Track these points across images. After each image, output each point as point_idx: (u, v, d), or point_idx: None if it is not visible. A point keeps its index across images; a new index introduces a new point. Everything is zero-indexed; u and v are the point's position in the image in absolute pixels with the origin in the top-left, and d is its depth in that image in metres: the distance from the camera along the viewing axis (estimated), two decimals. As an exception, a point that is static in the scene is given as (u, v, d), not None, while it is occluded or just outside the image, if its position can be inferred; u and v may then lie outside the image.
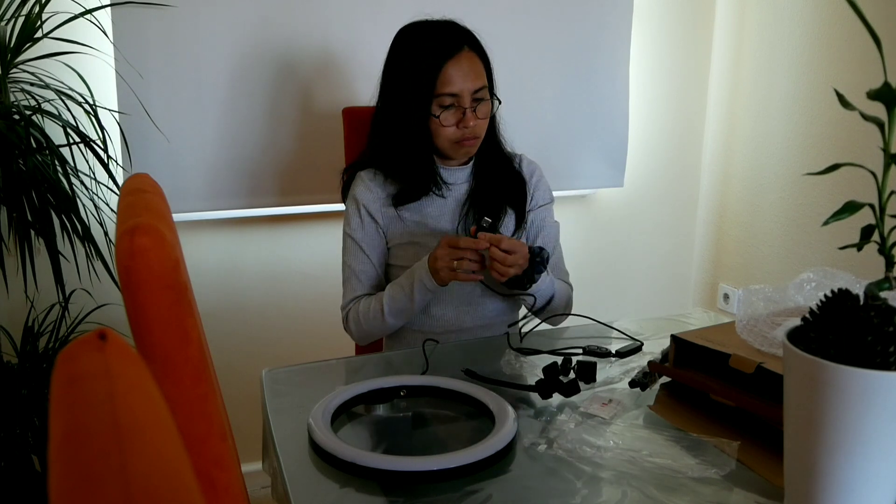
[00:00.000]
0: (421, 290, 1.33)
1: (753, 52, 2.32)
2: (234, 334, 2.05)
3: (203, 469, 0.71)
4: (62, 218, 1.52)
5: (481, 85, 1.34)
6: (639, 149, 2.41)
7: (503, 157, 1.49)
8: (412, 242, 1.42)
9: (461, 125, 1.34)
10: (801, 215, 2.20)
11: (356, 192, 1.43)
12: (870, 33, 0.64)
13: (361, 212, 1.42)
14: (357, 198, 1.43)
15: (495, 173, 1.47)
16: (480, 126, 1.37)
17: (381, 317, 1.37)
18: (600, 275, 2.46)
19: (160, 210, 0.81)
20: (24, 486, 1.56)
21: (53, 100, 1.63)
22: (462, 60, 1.32)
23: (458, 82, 1.32)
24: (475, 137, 1.37)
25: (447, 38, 1.33)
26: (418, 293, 1.33)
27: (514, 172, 1.49)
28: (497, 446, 0.90)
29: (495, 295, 1.44)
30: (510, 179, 1.48)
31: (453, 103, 1.33)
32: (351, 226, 1.44)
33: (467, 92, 1.33)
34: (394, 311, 1.36)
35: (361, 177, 1.44)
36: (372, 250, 1.43)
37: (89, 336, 0.43)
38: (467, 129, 1.34)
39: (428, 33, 1.35)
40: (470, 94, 1.33)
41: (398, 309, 1.36)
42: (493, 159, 1.47)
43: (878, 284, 0.65)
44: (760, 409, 0.96)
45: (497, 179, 1.46)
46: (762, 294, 1.05)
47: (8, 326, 1.78)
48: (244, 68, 1.87)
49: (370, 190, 1.42)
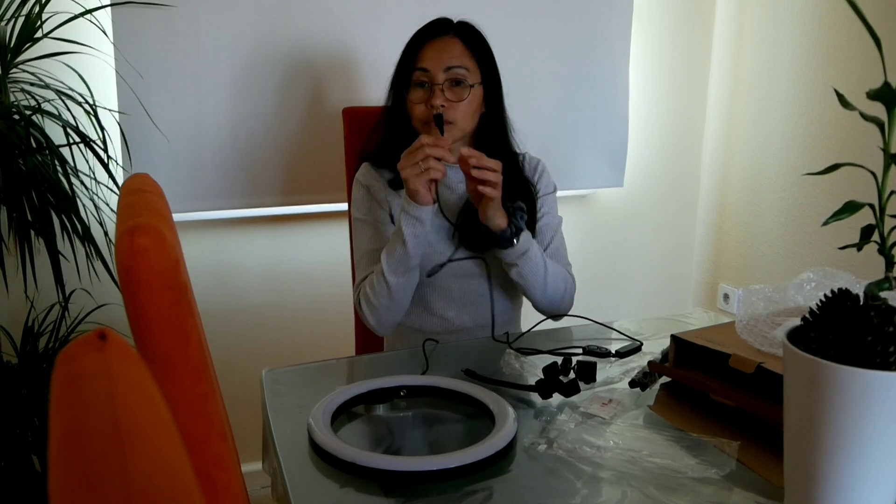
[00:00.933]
0: (407, 222, 1.27)
1: (753, 52, 2.32)
2: (234, 334, 2.05)
3: (203, 469, 0.71)
4: (62, 218, 1.52)
5: (457, 64, 1.34)
6: (639, 149, 2.41)
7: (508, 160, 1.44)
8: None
9: (429, 103, 1.33)
10: (801, 215, 2.20)
11: (360, 177, 1.46)
12: (870, 33, 0.64)
13: (366, 195, 1.44)
14: (361, 181, 1.45)
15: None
16: (453, 110, 1.34)
17: (382, 278, 1.32)
18: (600, 275, 2.46)
19: (160, 210, 0.81)
20: (24, 486, 1.56)
21: (53, 100, 1.63)
22: (441, 41, 1.35)
23: (431, 59, 1.34)
24: (446, 122, 1.34)
25: (435, 24, 1.38)
26: (406, 226, 1.27)
27: (521, 177, 1.47)
28: (497, 446, 0.90)
29: (497, 295, 1.44)
30: (516, 183, 1.44)
31: (425, 80, 1.34)
32: (358, 208, 1.45)
33: (438, 69, 1.33)
34: (392, 264, 1.31)
35: (366, 165, 1.47)
36: (381, 227, 1.42)
37: (89, 336, 0.43)
38: (434, 108, 1.32)
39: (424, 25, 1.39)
40: (441, 71, 1.33)
41: (395, 260, 1.30)
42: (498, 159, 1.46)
43: (878, 284, 0.65)
44: (760, 409, 0.96)
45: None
46: (762, 294, 1.05)
47: (8, 326, 1.78)
48: (244, 68, 1.87)
49: (374, 178, 1.44)
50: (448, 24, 1.39)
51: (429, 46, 1.36)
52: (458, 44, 1.37)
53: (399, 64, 1.40)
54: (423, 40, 1.37)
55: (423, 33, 1.38)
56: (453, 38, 1.37)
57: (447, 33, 1.37)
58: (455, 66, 1.34)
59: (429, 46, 1.36)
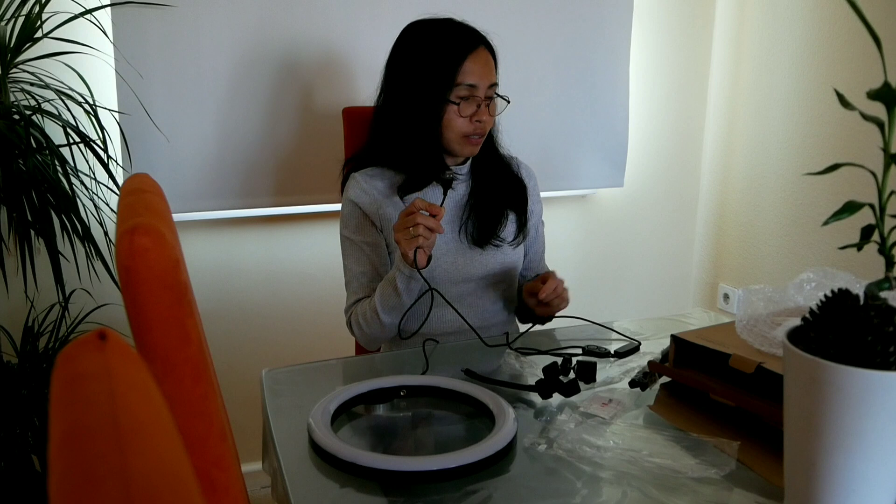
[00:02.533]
0: (401, 278, 1.30)
1: (753, 52, 2.32)
2: (234, 334, 2.05)
3: (203, 469, 0.71)
4: (62, 218, 1.52)
5: (495, 82, 1.38)
6: (639, 149, 2.41)
7: (501, 160, 1.50)
8: None
9: (475, 118, 1.36)
10: (801, 215, 2.20)
11: (350, 194, 1.42)
12: (870, 33, 0.64)
13: (357, 213, 1.41)
14: (352, 199, 1.42)
15: (494, 175, 1.47)
16: (489, 124, 1.39)
17: (376, 316, 1.35)
18: (600, 275, 2.46)
19: (160, 210, 0.81)
20: (24, 486, 1.56)
21: (53, 100, 1.63)
22: (480, 56, 1.36)
23: (477, 75, 1.35)
24: (482, 135, 1.39)
25: (467, 33, 1.37)
26: (399, 281, 1.30)
27: (514, 176, 1.50)
28: (497, 446, 0.90)
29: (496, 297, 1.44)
30: (510, 183, 1.49)
31: (469, 95, 1.35)
32: (348, 228, 1.43)
33: (484, 86, 1.36)
34: (385, 307, 1.34)
35: (356, 178, 1.43)
36: (371, 250, 1.42)
37: (89, 336, 0.43)
38: (479, 123, 1.36)
39: (445, 29, 1.37)
40: (486, 87, 1.36)
41: (389, 305, 1.33)
42: (491, 161, 1.48)
43: (878, 284, 0.65)
44: (760, 409, 0.96)
45: (496, 181, 1.47)
46: (762, 294, 1.05)
47: (8, 326, 1.78)
48: (244, 68, 1.87)
49: (365, 192, 1.41)
50: (478, 36, 1.38)
51: (471, 60, 1.34)
52: (490, 59, 1.38)
53: (433, 71, 1.34)
54: (463, 52, 1.34)
55: (462, 44, 1.35)
56: (486, 52, 1.37)
57: (480, 45, 1.37)
58: (495, 84, 1.38)
59: (471, 60, 1.34)
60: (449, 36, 1.36)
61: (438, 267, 1.38)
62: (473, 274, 1.42)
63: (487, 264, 1.43)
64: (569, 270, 2.28)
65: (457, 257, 1.41)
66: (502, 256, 1.44)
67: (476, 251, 1.42)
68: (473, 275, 1.42)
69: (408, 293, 1.31)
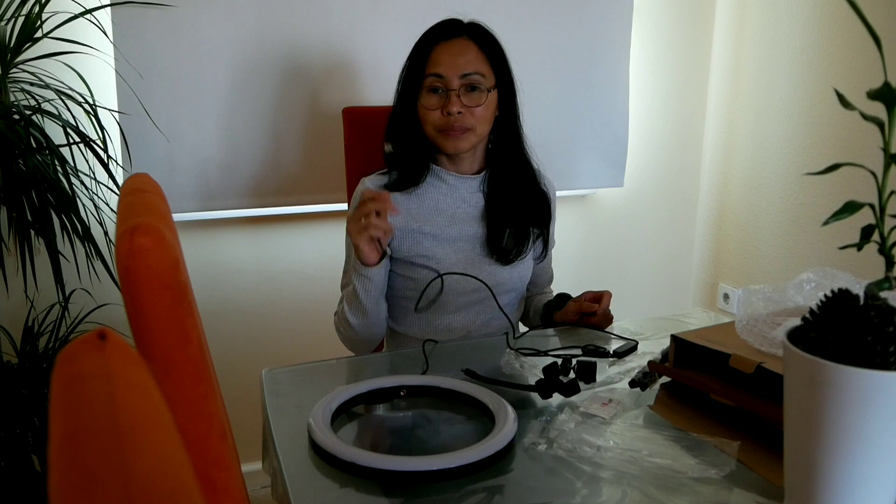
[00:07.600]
0: (356, 276, 1.28)
1: (753, 52, 2.32)
2: (234, 334, 2.05)
3: (203, 469, 0.71)
4: (62, 218, 1.52)
5: (472, 70, 1.30)
6: (639, 149, 2.41)
7: (526, 170, 1.42)
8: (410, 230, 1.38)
9: (445, 109, 1.29)
10: (801, 215, 2.20)
11: (357, 193, 1.43)
12: (870, 33, 0.64)
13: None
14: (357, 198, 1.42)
15: (514, 187, 1.41)
16: (470, 116, 1.31)
17: (344, 315, 1.34)
18: (600, 275, 2.46)
19: (160, 210, 0.81)
20: (24, 486, 1.56)
21: (53, 100, 1.63)
22: (455, 45, 1.30)
23: (445, 63, 1.29)
24: (464, 128, 1.31)
25: (444, 25, 1.34)
26: (355, 279, 1.29)
27: (539, 190, 1.45)
28: (497, 446, 0.90)
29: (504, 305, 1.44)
30: (533, 197, 1.42)
31: (440, 86, 1.30)
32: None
33: (454, 74, 1.29)
34: (351, 305, 1.33)
35: (364, 182, 1.43)
36: None
37: (89, 336, 0.43)
38: (451, 116, 1.29)
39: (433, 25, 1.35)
40: (457, 76, 1.29)
41: (354, 304, 1.32)
42: (514, 171, 1.41)
43: (878, 284, 0.65)
44: (760, 409, 0.96)
45: (517, 195, 1.41)
46: (762, 294, 1.05)
47: (8, 326, 1.78)
48: (244, 68, 1.87)
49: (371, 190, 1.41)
50: (460, 26, 1.33)
51: (442, 50, 1.30)
52: (473, 47, 1.31)
53: (408, 67, 1.34)
54: (433, 42, 1.31)
55: (434, 35, 1.32)
56: (467, 41, 1.31)
57: (460, 35, 1.32)
58: (471, 73, 1.30)
59: (442, 50, 1.30)
60: (431, 29, 1.34)
61: (451, 278, 1.37)
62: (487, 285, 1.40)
63: (502, 277, 1.41)
64: (569, 270, 2.28)
65: (472, 269, 1.38)
66: (520, 271, 1.43)
67: (496, 266, 1.40)
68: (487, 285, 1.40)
69: (365, 293, 1.29)
